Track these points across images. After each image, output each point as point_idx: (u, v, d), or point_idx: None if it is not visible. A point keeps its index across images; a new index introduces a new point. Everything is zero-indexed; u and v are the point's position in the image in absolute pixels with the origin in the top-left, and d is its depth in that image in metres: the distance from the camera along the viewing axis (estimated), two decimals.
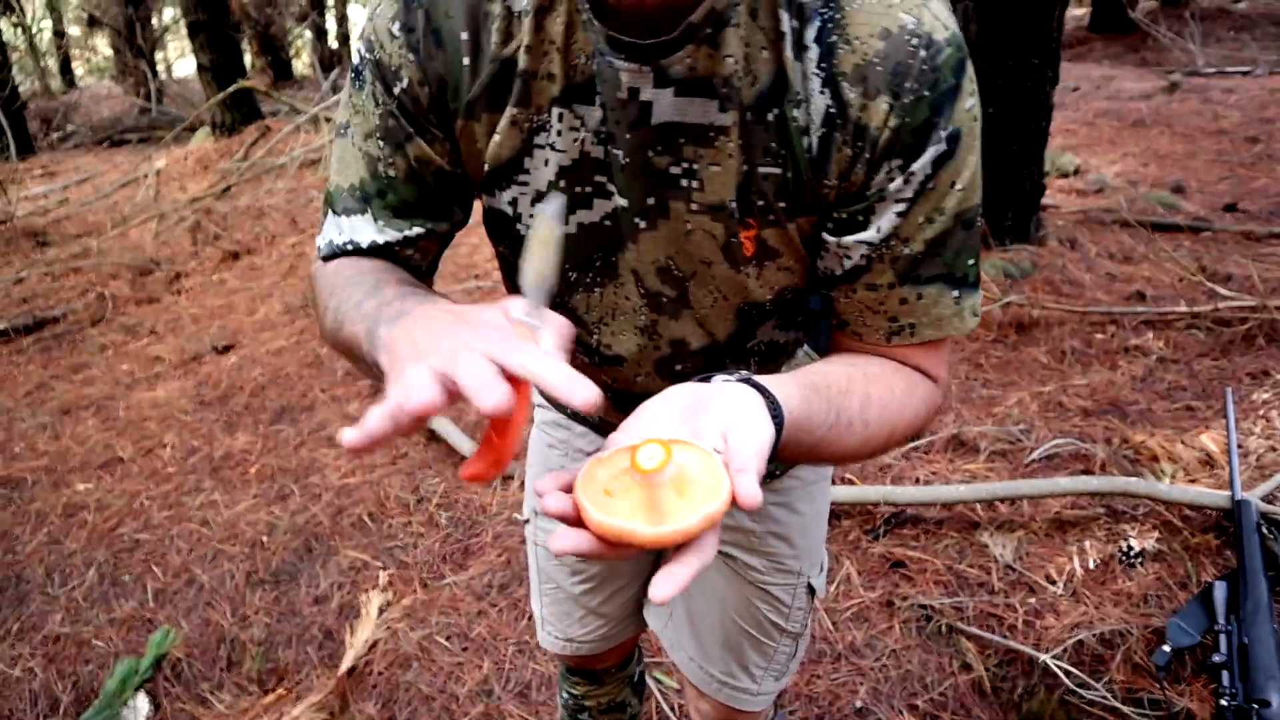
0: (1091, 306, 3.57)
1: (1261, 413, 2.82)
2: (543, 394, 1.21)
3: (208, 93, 8.88)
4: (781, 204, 0.79)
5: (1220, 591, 1.97)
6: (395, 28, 0.81)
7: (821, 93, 0.75)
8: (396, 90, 0.82)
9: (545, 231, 0.68)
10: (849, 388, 0.79)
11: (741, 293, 0.87)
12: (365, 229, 0.89)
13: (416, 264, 0.93)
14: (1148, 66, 10.61)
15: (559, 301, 0.93)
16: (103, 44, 18.12)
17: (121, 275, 5.54)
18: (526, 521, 1.31)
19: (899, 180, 0.76)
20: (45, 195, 8.04)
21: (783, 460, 0.72)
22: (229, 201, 6.56)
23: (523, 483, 2.74)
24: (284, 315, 4.51)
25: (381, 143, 0.86)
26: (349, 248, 0.90)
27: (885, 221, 0.78)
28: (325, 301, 0.85)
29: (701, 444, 0.61)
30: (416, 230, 0.89)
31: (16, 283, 5.60)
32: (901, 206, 0.77)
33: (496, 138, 0.82)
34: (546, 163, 0.82)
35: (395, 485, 2.87)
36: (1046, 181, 4.57)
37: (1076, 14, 15.20)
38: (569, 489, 0.60)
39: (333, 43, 16.49)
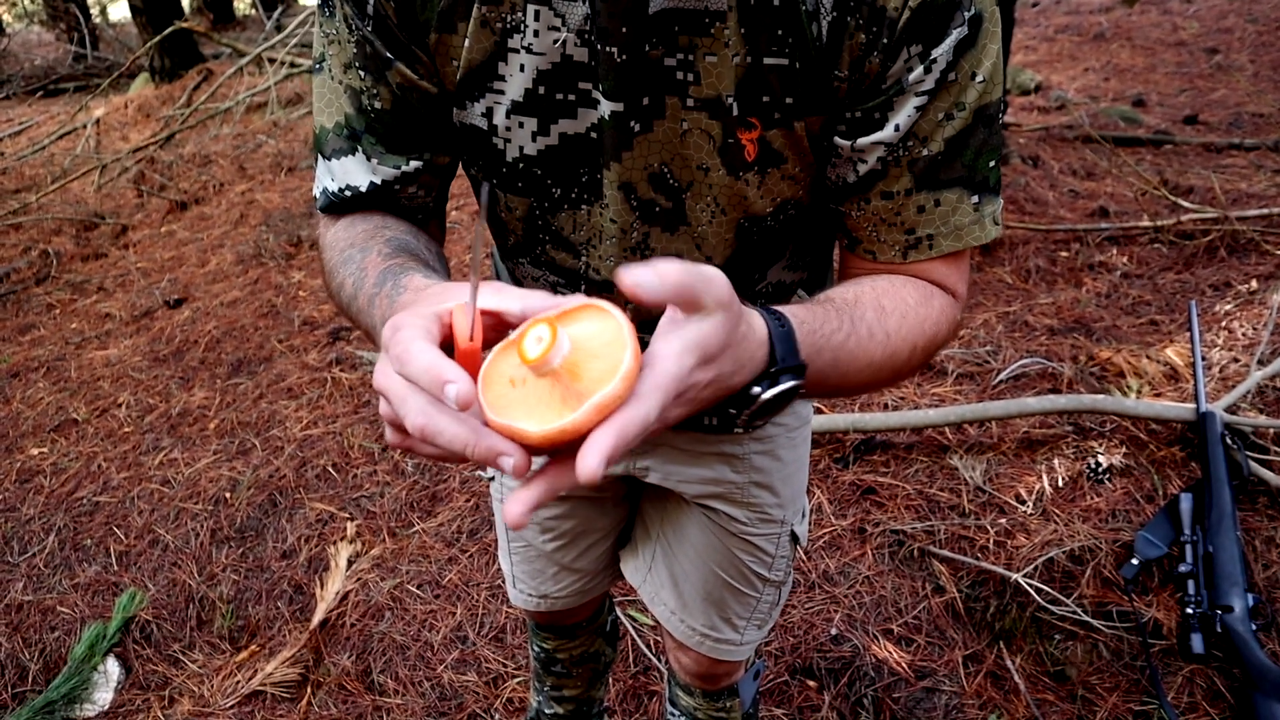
0: (1055, 224, 3.55)
1: (1224, 324, 2.83)
2: None
3: (144, 36, 8.52)
4: (789, 99, 0.73)
5: (1186, 503, 1.99)
6: None
7: None
8: (368, 12, 0.76)
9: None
10: (857, 300, 0.73)
11: (740, 205, 0.80)
12: (358, 170, 0.83)
13: (421, 201, 0.87)
14: None
15: (544, 221, 0.86)
16: None
17: (65, 230, 5.35)
18: (491, 479, 1.26)
19: (919, 69, 0.70)
20: None
21: (812, 394, 0.66)
22: (173, 150, 6.33)
23: None
24: (236, 266, 4.38)
25: (362, 73, 0.79)
26: (347, 194, 0.84)
27: (903, 118, 0.72)
28: (331, 281, 0.82)
29: (615, 312, 0.53)
30: (414, 164, 0.83)
31: None
32: (921, 100, 0.71)
33: (466, 41, 0.75)
34: (522, 68, 0.75)
35: (359, 434, 2.82)
36: (1008, 99, 4.52)
37: None
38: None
39: None
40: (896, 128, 0.72)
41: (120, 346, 3.79)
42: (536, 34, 0.73)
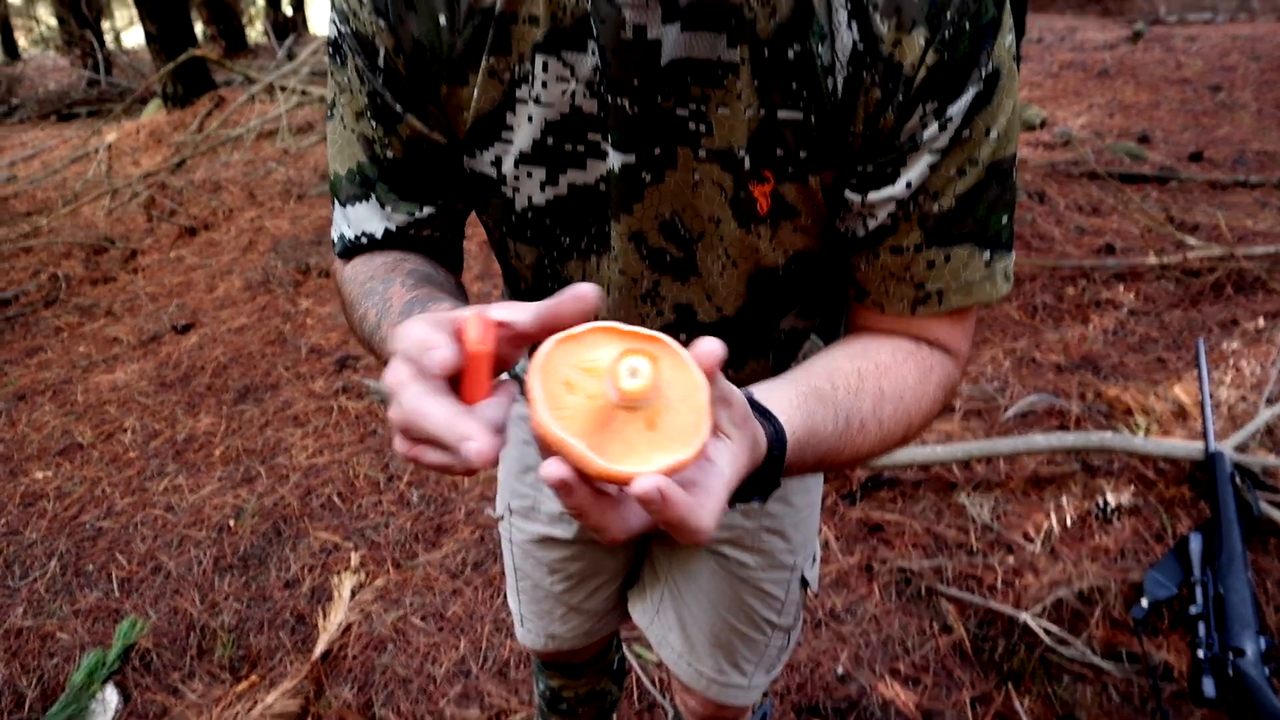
0: (1062, 260, 3.56)
1: (1231, 362, 2.83)
2: (517, 387, 1.14)
3: (157, 63, 8.60)
4: (803, 154, 0.72)
5: (1196, 543, 1.97)
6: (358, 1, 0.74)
7: (848, 27, 0.67)
8: (379, 67, 0.76)
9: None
10: (859, 386, 0.72)
11: (752, 257, 0.79)
12: (373, 217, 0.84)
13: (437, 241, 0.88)
14: (1110, 16, 10.60)
15: (554, 270, 0.86)
16: (46, 13, 17.54)
17: (74, 254, 5.37)
18: (500, 519, 1.25)
19: (934, 126, 0.68)
20: None
21: (792, 474, 0.66)
22: (184, 175, 6.38)
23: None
24: (245, 292, 4.39)
25: (374, 123, 0.79)
26: (363, 240, 0.85)
27: (915, 174, 0.71)
28: (353, 314, 0.82)
29: (694, 369, 0.51)
30: (427, 210, 0.84)
31: None
32: (934, 157, 0.70)
33: (475, 91, 0.75)
34: (530, 119, 0.75)
35: (364, 464, 2.81)
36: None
37: None
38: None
39: (287, 8, 16.06)
40: (908, 184, 0.71)
41: (127, 371, 3.80)
42: (545, 85, 0.73)
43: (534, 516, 1.19)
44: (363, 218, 0.84)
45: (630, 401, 0.49)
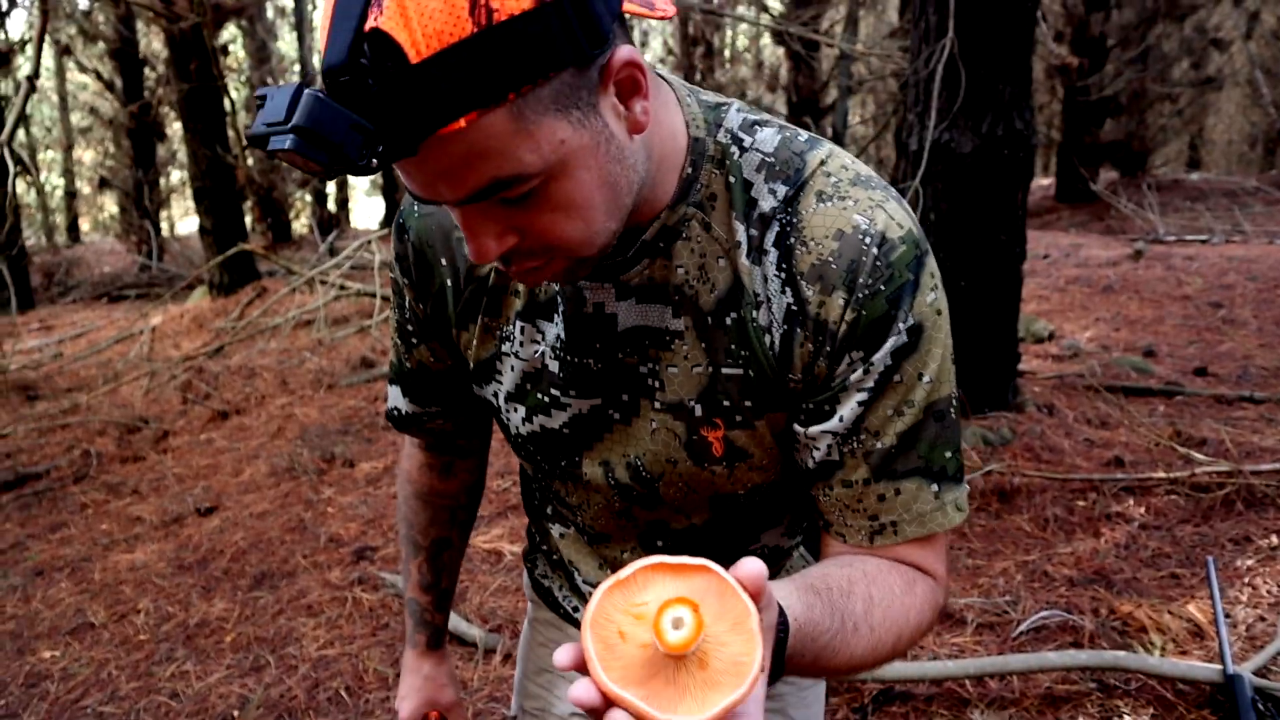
0: (1071, 473, 3.61)
1: (1246, 580, 2.82)
2: (535, 591, 1.20)
3: (208, 253, 9.16)
4: (747, 403, 0.83)
5: None
6: (393, 255, 0.97)
7: (782, 292, 0.79)
8: (405, 305, 0.98)
9: None
10: (850, 589, 0.77)
11: (709, 487, 0.89)
12: (400, 399, 1.06)
13: (449, 431, 1.08)
14: (1112, 234, 11.12)
15: (543, 484, 1.01)
16: (110, 203, 18.78)
17: (109, 432, 5.55)
18: (514, 718, 1.28)
19: (860, 371, 0.78)
20: (40, 349, 8.14)
21: (789, 674, 0.70)
22: (221, 360, 6.65)
23: (505, 656, 2.68)
24: (270, 477, 4.49)
25: (399, 340, 1.02)
26: (395, 413, 1.08)
27: (848, 411, 0.80)
28: (396, 520, 1.11)
29: (744, 596, 0.53)
30: (435, 409, 1.05)
31: (1, 437, 5.59)
32: (863, 396, 0.79)
33: (475, 341, 0.93)
34: (512, 368, 0.92)
35: (375, 658, 2.80)
36: (1022, 348, 4.70)
37: (1043, 183, 16.09)
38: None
39: (331, 206, 17.15)
40: (841, 419, 0.80)
41: (147, 551, 3.84)
42: (522, 344, 0.90)
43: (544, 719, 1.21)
44: (395, 396, 1.06)
45: (676, 653, 0.51)
